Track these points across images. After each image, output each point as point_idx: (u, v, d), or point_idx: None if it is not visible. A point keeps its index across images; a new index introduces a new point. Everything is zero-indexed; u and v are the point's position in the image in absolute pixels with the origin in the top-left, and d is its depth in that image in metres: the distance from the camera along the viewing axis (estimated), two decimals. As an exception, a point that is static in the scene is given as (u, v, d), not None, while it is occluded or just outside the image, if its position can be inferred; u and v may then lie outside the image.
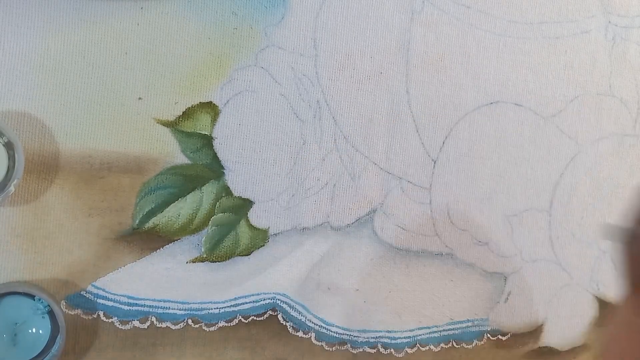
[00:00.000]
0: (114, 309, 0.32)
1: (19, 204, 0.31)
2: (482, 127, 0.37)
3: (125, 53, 0.32)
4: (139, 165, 0.32)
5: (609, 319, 0.25)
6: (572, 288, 0.39)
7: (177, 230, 0.33)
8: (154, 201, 0.32)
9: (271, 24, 0.34)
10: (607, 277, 0.40)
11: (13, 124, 0.30)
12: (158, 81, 0.32)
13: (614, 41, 0.39)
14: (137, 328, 0.33)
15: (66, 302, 0.32)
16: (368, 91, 0.35)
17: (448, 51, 0.36)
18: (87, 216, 0.32)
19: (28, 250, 0.31)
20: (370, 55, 0.35)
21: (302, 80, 0.34)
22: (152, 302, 0.33)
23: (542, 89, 0.38)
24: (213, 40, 0.33)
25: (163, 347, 0.33)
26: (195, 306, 0.33)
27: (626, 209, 0.22)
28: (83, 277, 0.32)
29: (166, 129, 0.33)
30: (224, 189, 0.33)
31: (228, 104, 0.33)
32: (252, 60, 0.34)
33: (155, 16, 0.32)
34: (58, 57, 0.31)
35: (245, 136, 0.34)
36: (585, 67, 0.39)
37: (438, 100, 0.36)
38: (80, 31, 0.31)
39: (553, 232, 0.39)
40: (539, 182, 0.38)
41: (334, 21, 0.35)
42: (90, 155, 0.32)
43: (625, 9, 0.39)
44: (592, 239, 0.39)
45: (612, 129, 0.39)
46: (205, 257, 0.33)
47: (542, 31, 0.38)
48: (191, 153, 0.33)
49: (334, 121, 0.35)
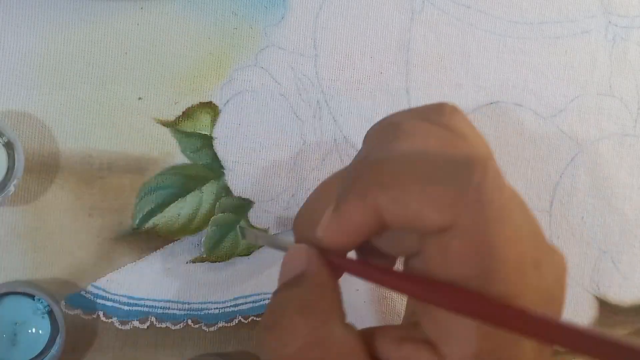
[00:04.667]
0: (113, 309, 0.32)
1: (19, 204, 0.31)
2: (482, 127, 0.37)
3: (125, 53, 0.32)
4: (139, 166, 0.32)
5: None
6: (572, 288, 0.39)
7: (177, 230, 0.33)
8: (154, 201, 0.32)
9: (271, 24, 0.34)
10: (607, 277, 0.40)
11: (13, 124, 0.30)
12: (158, 81, 0.32)
13: (614, 41, 0.39)
14: (137, 328, 0.33)
15: (66, 302, 0.32)
16: (368, 91, 0.35)
17: (448, 51, 0.36)
18: (87, 216, 0.32)
19: (28, 250, 0.31)
20: (370, 55, 0.35)
21: (302, 80, 0.34)
22: (152, 302, 0.33)
23: (542, 89, 0.38)
24: (213, 40, 0.33)
25: (163, 347, 0.33)
26: (195, 306, 0.33)
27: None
28: (83, 277, 0.32)
29: (166, 129, 0.33)
30: (224, 189, 0.33)
31: (228, 104, 0.33)
32: (252, 60, 0.34)
33: (155, 16, 0.32)
34: (58, 57, 0.31)
35: (245, 136, 0.34)
36: (585, 67, 0.39)
37: (438, 100, 0.36)
38: (80, 31, 0.31)
39: (553, 232, 0.39)
40: (539, 182, 0.38)
41: (334, 21, 0.35)
42: (90, 155, 0.32)
43: (625, 9, 0.39)
44: (592, 239, 0.39)
45: (612, 129, 0.39)
46: (205, 257, 0.33)
47: (542, 31, 0.38)
48: (191, 153, 0.33)
49: (334, 121, 0.35)
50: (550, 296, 0.22)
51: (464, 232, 0.20)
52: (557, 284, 0.23)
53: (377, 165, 0.22)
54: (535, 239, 0.22)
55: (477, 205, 0.20)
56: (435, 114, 0.25)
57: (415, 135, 0.23)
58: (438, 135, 0.23)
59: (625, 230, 0.40)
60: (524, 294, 0.20)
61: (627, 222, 0.40)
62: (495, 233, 0.20)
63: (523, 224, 0.21)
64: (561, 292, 0.23)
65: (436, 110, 0.25)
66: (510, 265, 0.20)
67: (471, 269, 0.20)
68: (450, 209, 0.20)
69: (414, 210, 0.21)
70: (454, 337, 0.21)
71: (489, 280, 0.20)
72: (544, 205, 0.38)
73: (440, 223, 0.20)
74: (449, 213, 0.20)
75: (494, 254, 0.20)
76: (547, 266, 0.22)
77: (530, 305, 0.20)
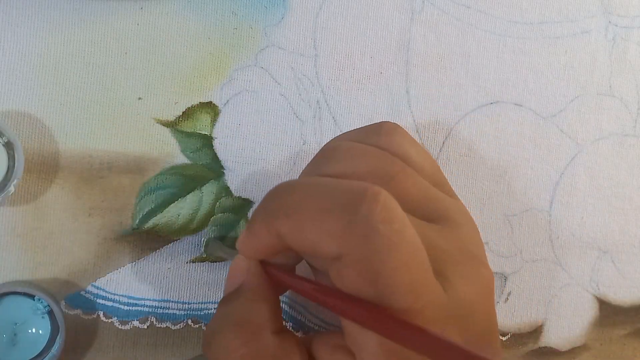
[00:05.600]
0: (113, 309, 0.32)
1: (19, 204, 0.31)
2: (482, 127, 0.37)
3: (125, 53, 0.32)
4: (139, 165, 0.32)
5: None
6: (572, 288, 0.39)
7: (177, 230, 0.33)
8: (154, 201, 0.32)
9: (271, 24, 0.34)
10: (607, 277, 0.40)
11: (13, 124, 0.30)
12: (158, 81, 0.32)
13: (614, 41, 0.39)
14: (137, 328, 0.33)
15: (66, 302, 0.32)
16: (368, 91, 0.35)
17: (448, 51, 0.36)
18: (87, 216, 0.32)
19: (28, 250, 0.31)
20: (370, 55, 0.35)
21: (302, 80, 0.34)
22: (152, 302, 0.33)
23: (542, 89, 0.38)
24: (213, 40, 0.33)
25: (163, 347, 0.33)
26: (195, 306, 0.33)
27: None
28: (83, 277, 0.32)
29: (166, 129, 0.33)
30: (224, 189, 0.33)
31: (228, 104, 0.33)
32: (252, 60, 0.34)
33: (155, 16, 0.32)
34: (58, 57, 0.31)
35: (245, 136, 0.34)
36: (585, 67, 0.39)
37: (438, 100, 0.36)
38: (80, 31, 0.31)
39: (553, 232, 0.39)
40: (539, 182, 0.38)
41: (334, 21, 0.35)
42: (90, 155, 0.32)
43: (625, 9, 0.39)
44: (592, 239, 0.39)
45: (612, 129, 0.39)
46: (205, 257, 0.33)
47: (542, 31, 0.38)
48: (191, 153, 0.33)
49: (334, 121, 0.35)
50: (469, 309, 0.23)
51: (353, 262, 0.21)
52: (480, 298, 0.24)
53: (285, 193, 0.24)
54: (443, 258, 0.23)
55: (363, 237, 0.21)
56: (373, 135, 0.27)
57: (346, 159, 0.25)
58: (372, 156, 0.25)
59: (625, 230, 0.40)
60: (424, 311, 0.21)
61: (627, 222, 0.40)
62: (382, 262, 0.21)
63: (415, 250, 0.22)
64: (486, 305, 0.24)
65: (374, 131, 0.27)
66: (403, 289, 0.21)
67: (367, 295, 0.21)
68: (339, 240, 0.21)
69: (310, 240, 0.22)
70: (364, 352, 0.22)
71: (384, 303, 0.21)
72: (544, 205, 0.38)
73: (332, 252, 0.22)
74: (337, 244, 0.21)
75: (384, 282, 0.21)
76: (465, 282, 0.23)
77: (437, 319, 0.22)
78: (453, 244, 0.25)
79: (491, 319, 0.25)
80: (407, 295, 0.21)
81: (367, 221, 0.21)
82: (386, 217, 0.21)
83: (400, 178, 0.25)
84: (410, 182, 0.25)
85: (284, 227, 0.23)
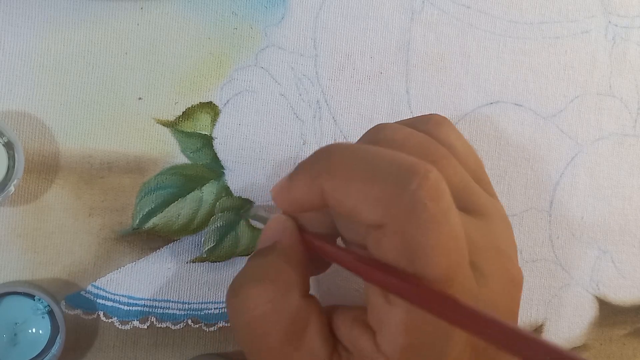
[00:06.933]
0: (114, 309, 0.32)
1: (19, 204, 0.31)
2: (482, 127, 0.37)
3: (125, 53, 0.32)
4: (139, 165, 0.32)
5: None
6: (572, 288, 0.39)
7: (177, 230, 0.33)
8: (154, 201, 0.32)
9: (271, 24, 0.34)
10: (607, 277, 0.40)
11: (13, 124, 0.30)
12: (158, 81, 0.32)
13: (614, 41, 0.39)
14: (137, 328, 0.33)
15: (66, 302, 0.32)
16: (368, 91, 0.35)
17: (448, 51, 0.36)
18: (87, 216, 0.32)
19: (28, 250, 0.31)
20: (370, 55, 0.35)
21: (302, 80, 0.34)
22: (152, 302, 0.33)
23: (542, 89, 0.38)
24: (213, 40, 0.33)
25: (163, 347, 0.33)
26: (195, 306, 0.33)
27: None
28: (83, 277, 0.32)
29: (166, 129, 0.33)
30: (224, 189, 0.33)
31: (228, 104, 0.33)
32: (252, 60, 0.34)
33: (155, 16, 0.32)
34: (58, 57, 0.31)
35: (245, 136, 0.34)
36: (585, 67, 0.39)
37: (438, 100, 0.36)
38: (80, 31, 0.31)
39: (553, 232, 0.39)
40: (539, 182, 0.38)
41: (334, 21, 0.35)
42: (90, 155, 0.32)
43: (625, 9, 0.39)
44: (592, 239, 0.39)
45: (612, 129, 0.39)
46: (205, 257, 0.33)
47: (542, 31, 0.38)
48: (191, 153, 0.33)
49: (334, 121, 0.35)
50: (493, 306, 0.23)
51: (394, 233, 0.21)
52: (505, 297, 0.24)
53: (338, 151, 0.24)
54: (476, 250, 0.23)
55: (409, 210, 0.21)
56: (422, 124, 0.27)
57: (395, 137, 0.25)
58: (417, 140, 0.25)
59: (625, 231, 0.40)
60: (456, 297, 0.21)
61: (627, 222, 0.40)
62: (423, 238, 0.21)
63: (457, 234, 0.22)
64: (510, 303, 0.24)
65: (423, 120, 0.27)
66: (439, 271, 0.21)
67: (402, 267, 0.21)
68: (383, 209, 0.21)
69: (351, 202, 0.22)
70: (386, 328, 0.22)
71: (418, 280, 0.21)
72: (544, 205, 0.38)
73: (373, 220, 0.21)
74: (381, 213, 0.21)
75: (421, 259, 0.21)
76: (493, 278, 0.23)
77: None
78: (486, 239, 0.24)
79: (513, 318, 0.25)
80: (441, 277, 0.21)
81: (415, 195, 0.21)
82: (434, 195, 0.21)
83: (444, 164, 0.25)
84: (452, 171, 0.25)
85: (328, 184, 0.23)
